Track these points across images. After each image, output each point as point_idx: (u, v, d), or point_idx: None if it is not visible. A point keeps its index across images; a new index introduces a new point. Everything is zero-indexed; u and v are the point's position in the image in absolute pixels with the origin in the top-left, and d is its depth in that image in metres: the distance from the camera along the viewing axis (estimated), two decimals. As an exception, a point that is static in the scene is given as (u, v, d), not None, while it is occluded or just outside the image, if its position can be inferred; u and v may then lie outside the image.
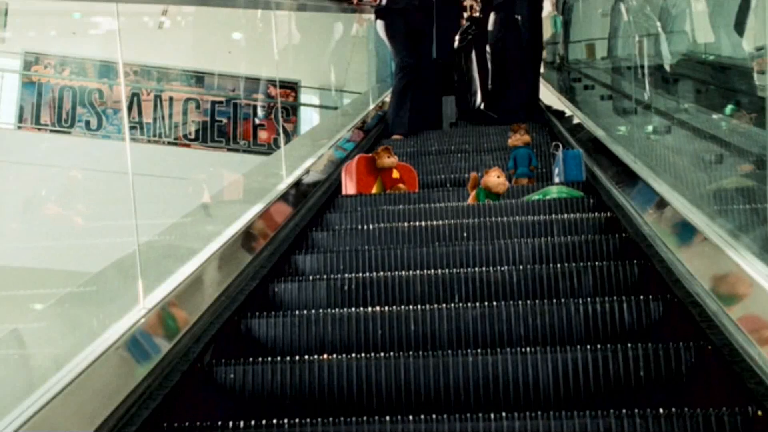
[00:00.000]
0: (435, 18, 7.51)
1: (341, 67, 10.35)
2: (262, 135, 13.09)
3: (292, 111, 13.12)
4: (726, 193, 3.18)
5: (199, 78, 13.32)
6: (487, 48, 7.68)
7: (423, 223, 4.03)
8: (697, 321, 2.57)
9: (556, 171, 4.80)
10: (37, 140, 12.46)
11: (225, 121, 13.06)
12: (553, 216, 4.02)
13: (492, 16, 7.47)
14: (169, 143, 13.17)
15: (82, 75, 12.91)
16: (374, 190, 4.80)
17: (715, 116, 3.78)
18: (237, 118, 13.08)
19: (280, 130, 12.46)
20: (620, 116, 5.28)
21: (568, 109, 7.18)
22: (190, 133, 13.03)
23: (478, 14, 8.15)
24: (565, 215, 4.01)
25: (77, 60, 12.84)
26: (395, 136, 7.01)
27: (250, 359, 2.63)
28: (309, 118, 13.09)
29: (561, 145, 4.89)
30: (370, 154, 4.89)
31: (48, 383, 2.01)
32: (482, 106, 7.84)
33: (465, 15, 8.40)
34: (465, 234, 4.00)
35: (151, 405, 2.25)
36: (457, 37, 8.12)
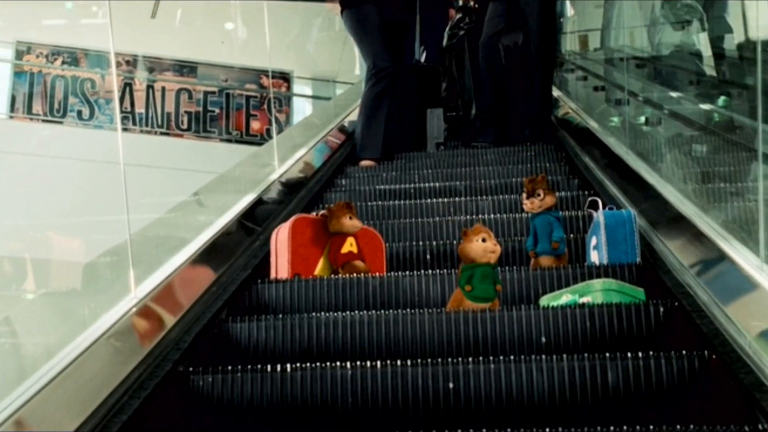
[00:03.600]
0: (419, 9, 5.42)
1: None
2: (255, 125, 12.05)
3: (286, 102, 12.11)
4: None
5: (191, 68, 12.26)
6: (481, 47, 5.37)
7: (379, 364, 2.03)
8: None
9: (593, 243, 2.74)
10: (29, 130, 11.67)
11: (218, 111, 12.08)
12: (608, 356, 1.99)
13: (491, 6, 5.21)
14: (161, 133, 12.03)
15: (74, 64, 11.92)
16: (318, 271, 2.76)
17: None
18: (230, 108, 12.10)
19: (273, 120, 11.37)
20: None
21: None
22: (182, 123, 12.00)
23: (472, 3, 5.96)
24: (629, 356, 1.98)
25: (69, 49, 11.82)
26: (364, 162, 4.80)
27: None
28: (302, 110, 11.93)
29: (600, 202, 2.78)
30: (315, 215, 2.82)
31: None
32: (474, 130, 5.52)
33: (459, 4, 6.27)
34: (452, 385, 2.01)
35: None
36: (446, 33, 5.91)
